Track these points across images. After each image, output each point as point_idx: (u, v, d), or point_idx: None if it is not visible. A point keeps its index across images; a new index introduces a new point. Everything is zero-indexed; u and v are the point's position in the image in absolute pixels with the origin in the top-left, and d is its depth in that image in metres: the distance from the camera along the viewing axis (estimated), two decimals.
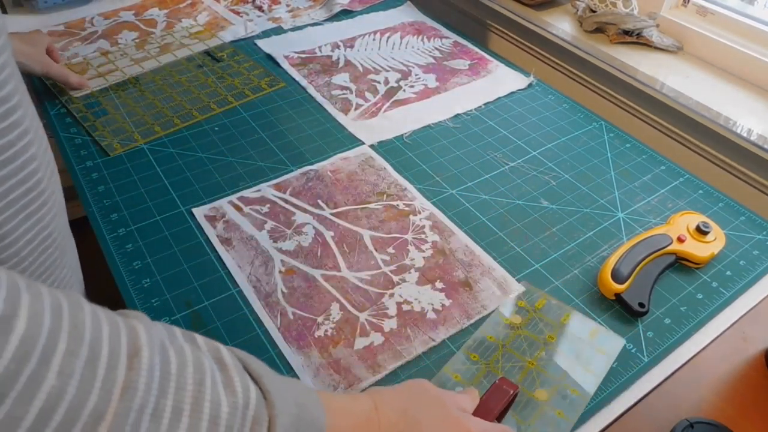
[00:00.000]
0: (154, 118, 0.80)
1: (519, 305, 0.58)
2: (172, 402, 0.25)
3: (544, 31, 1.09)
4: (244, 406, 0.28)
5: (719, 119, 0.87)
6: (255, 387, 0.29)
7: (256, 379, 0.30)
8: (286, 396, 0.31)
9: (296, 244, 0.63)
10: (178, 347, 0.27)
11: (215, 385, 0.27)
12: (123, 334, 0.25)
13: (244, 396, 0.28)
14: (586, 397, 0.51)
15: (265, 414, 0.29)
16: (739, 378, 0.54)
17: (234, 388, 0.28)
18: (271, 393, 0.30)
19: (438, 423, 0.39)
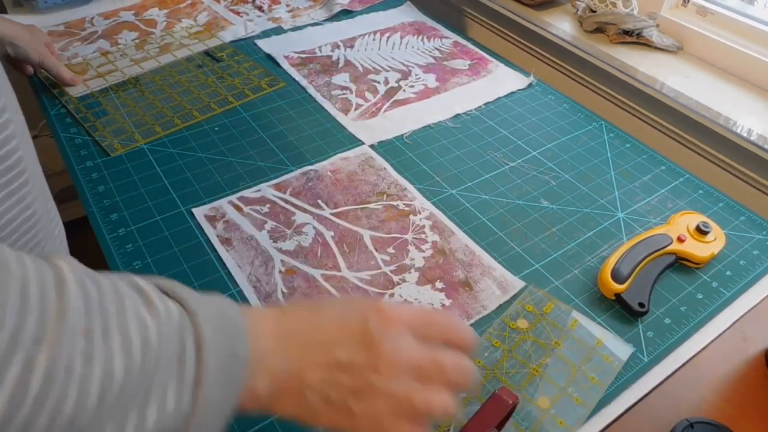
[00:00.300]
0: (154, 118, 0.80)
1: (527, 309, 0.58)
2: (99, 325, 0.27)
3: (544, 31, 1.10)
4: (167, 314, 0.30)
5: (719, 119, 0.87)
6: (172, 301, 0.31)
7: (171, 294, 0.32)
8: (205, 303, 0.32)
9: (296, 244, 0.63)
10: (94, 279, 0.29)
11: (137, 306, 0.29)
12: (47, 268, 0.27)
13: (165, 310, 0.30)
14: (589, 407, 0.50)
15: (187, 321, 0.30)
16: (739, 378, 0.54)
17: (153, 304, 0.30)
18: (189, 302, 0.31)
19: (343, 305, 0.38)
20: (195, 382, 0.30)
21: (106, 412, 0.26)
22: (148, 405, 0.28)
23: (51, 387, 0.24)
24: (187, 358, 0.29)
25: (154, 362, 0.28)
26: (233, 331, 0.32)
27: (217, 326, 0.31)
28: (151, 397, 0.28)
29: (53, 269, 0.27)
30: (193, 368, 0.30)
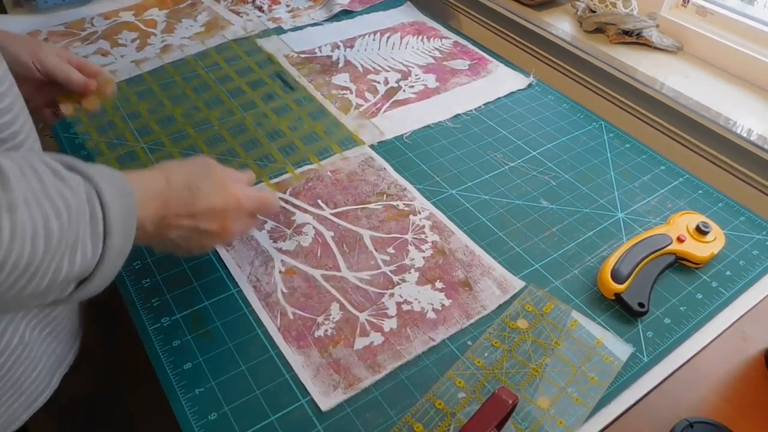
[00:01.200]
0: (154, 119, 0.80)
1: (527, 309, 0.58)
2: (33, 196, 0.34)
3: (544, 31, 1.09)
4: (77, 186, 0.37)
5: (719, 119, 0.87)
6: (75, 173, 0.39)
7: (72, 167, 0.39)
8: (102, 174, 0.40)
9: (296, 244, 0.63)
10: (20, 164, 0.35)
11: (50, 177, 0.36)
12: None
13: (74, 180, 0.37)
14: (589, 406, 0.50)
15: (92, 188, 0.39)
16: (739, 378, 0.54)
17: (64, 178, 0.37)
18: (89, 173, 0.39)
19: (213, 188, 0.51)
20: (105, 233, 0.39)
21: (49, 256, 0.35)
22: (76, 252, 0.37)
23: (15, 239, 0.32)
24: (97, 215, 0.38)
25: (75, 220, 0.36)
26: (125, 192, 0.42)
27: (114, 189, 0.40)
28: (77, 247, 0.37)
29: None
30: (101, 223, 0.38)
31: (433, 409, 0.50)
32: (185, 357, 0.53)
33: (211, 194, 0.50)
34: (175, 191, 0.48)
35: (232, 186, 0.52)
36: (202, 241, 0.51)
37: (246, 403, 0.50)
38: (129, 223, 0.41)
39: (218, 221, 0.51)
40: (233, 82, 0.89)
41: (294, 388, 0.51)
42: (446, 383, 0.52)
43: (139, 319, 0.56)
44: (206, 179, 0.51)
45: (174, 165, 0.51)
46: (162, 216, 0.47)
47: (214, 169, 0.53)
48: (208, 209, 0.50)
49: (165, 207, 0.47)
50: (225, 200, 0.51)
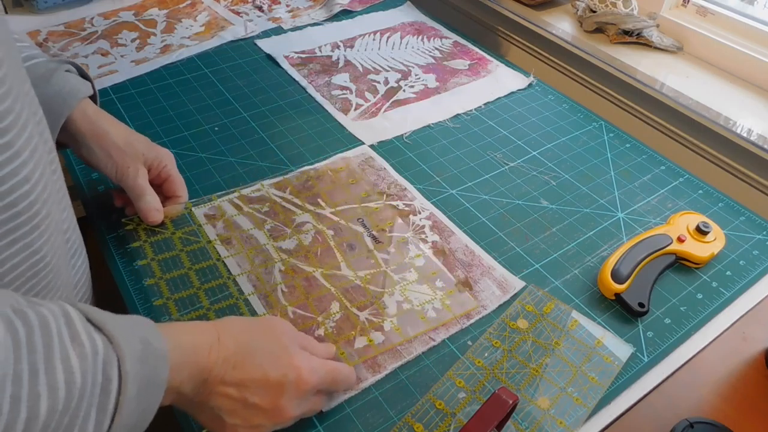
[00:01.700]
0: (154, 118, 0.80)
1: (527, 309, 0.58)
2: (27, 366, 0.28)
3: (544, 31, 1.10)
4: (93, 353, 0.32)
5: (719, 119, 0.87)
6: (99, 334, 0.33)
7: (101, 327, 0.34)
8: (130, 336, 0.34)
9: (296, 243, 0.63)
10: (23, 315, 0.30)
11: (63, 342, 0.31)
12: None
13: (91, 345, 0.32)
14: (589, 407, 0.50)
15: (113, 355, 0.33)
16: (739, 378, 0.54)
17: (80, 341, 0.32)
18: (115, 336, 0.33)
19: (271, 355, 0.43)
20: (115, 409, 0.33)
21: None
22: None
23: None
24: (111, 389, 0.32)
25: (77, 398, 0.30)
26: (155, 359, 0.35)
27: (140, 356, 0.34)
28: (75, 426, 0.31)
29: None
30: (115, 398, 0.33)
31: (433, 409, 0.50)
32: None
33: (266, 363, 0.42)
34: (224, 352, 0.41)
35: (298, 356, 0.44)
36: (250, 419, 0.42)
37: None
38: (151, 397, 0.35)
39: (271, 397, 0.42)
40: (233, 82, 0.89)
41: None
42: (446, 383, 0.52)
43: None
44: (266, 344, 0.43)
45: (234, 321, 0.44)
46: (204, 380, 0.40)
47: (282, 334, 0.45)
48: (260, 380, 0.41)
49: (208, 370, 0.40)
50: (283, 373, 0.42)
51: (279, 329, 0.45)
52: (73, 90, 0.57)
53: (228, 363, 0.41)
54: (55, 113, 0.55)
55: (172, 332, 0.39)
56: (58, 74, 0.56)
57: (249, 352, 0.42)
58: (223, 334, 0.42)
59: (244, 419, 0.42)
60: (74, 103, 0.57)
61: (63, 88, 0.56)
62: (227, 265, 0.60)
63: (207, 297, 0.57)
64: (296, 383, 0.43)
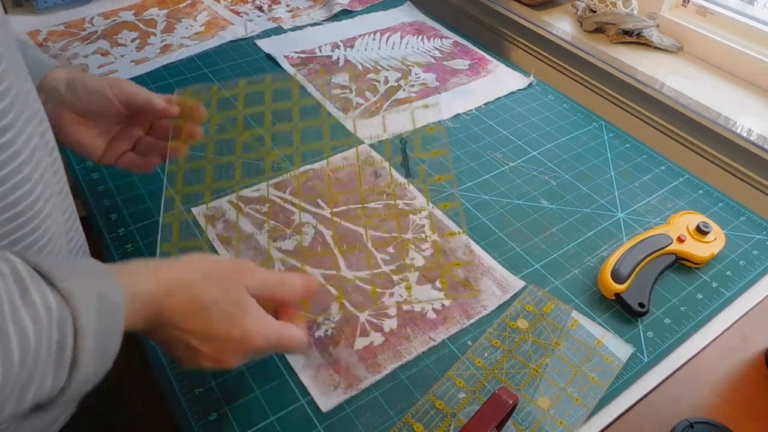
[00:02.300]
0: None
1: (527, 309, 0.58)
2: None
3: (544, 31, 1.10)
4: (47, 313, 0.31)
5: (719, 119, 0.87)
6: (52, 291, 0.32)
7: (52, 281, 0.33)
8: (85, 289, 0.34)
9: (296, 243, 0.63)
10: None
11: (14, 305, 0.30)
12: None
13: (43, 304, 0.31)
14: (589, 407, 0.50)
15: (67, 311, 0.32)
16: (739, 378, 0.54)
17: (32, 301, 0.31)
18: (68, 292, 0.33)
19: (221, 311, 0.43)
20: (72, 365, 0.33)
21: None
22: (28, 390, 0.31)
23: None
24: (67, 345, 0.32)
25: (32, 359, 0.30)
26: (110, 312, 0.35)
27: (95, 311, 0.34)
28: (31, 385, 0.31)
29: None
30: (71, 353, 0.32)
31: (433, 409, 0.50)
32: None
33: (215, 317, 0.42)
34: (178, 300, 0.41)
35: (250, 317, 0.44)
36: (194, 359, 0.43)
37: (246, 403, 0.50)
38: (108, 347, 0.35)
39: (212, 348, 0.43)
40: (233, 81, 0.89)
41: (294, 388, 0.51)
42: (446, 383, 0.52)
43: None
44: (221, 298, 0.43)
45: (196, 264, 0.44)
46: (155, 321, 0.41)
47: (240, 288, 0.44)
48: (204, 332, 0.42)
49: (158, 314, 0.40)
50: (228, 331, 0.43)
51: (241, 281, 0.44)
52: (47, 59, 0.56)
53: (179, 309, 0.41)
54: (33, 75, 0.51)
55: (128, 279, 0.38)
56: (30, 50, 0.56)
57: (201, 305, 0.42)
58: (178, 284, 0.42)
59: (189, 358, 0.43)
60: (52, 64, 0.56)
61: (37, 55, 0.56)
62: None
63: None
64: (239, 343, 0.43)
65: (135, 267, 0.40)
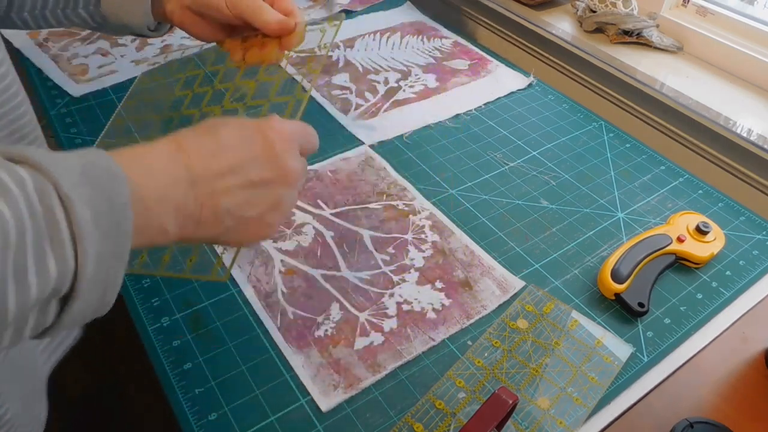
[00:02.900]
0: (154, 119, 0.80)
1: (527, 309, 0.58)
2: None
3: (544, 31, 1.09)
4: (19, 186, 0.27)
5: (719, 119, 0.87)
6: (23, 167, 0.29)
7: (22, 160, 0.29)
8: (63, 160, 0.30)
9: (296, 244, 0.63)
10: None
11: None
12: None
13: (13, 178, 0.28)
14: (589, 406, 0.50)
15: (45, 182, 0.28)
16: (739, 378, 0.54)
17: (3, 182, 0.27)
18: (41, 164, 0.29)
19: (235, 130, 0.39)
20: (72, 239, 0.29)
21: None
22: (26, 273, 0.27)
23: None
24: (58, 218, 0.28)
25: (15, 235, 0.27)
26: (104, 178, 0.31)
27: (82, 179, 0.30)
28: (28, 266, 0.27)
29: None
30: (67, 227, 0.28)
31: (433, 409, 0.50)
32: (185, 357, 0.53)
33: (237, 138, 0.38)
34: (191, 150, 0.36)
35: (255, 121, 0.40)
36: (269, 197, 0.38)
37: (246, 403, 0.50)
38: (114, 215, 0.30)
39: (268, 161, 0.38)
40: (233, 82, 0.88)
41: (294, 388, 0.51)
42: (446, 383, 0.52)
43: (139, 319, 0.56)
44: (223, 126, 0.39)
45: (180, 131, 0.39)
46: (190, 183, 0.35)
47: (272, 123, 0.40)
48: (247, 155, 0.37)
49: (186, 168, 0.35)
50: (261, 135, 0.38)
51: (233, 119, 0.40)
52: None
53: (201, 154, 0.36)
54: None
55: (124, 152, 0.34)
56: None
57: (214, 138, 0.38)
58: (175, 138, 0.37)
59: (264, 201, 0.38)
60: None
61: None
62: (226, 266, 0.60)
63: (205, 296, 0.57)
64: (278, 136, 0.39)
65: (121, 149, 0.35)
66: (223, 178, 0.36)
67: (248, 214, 0.37)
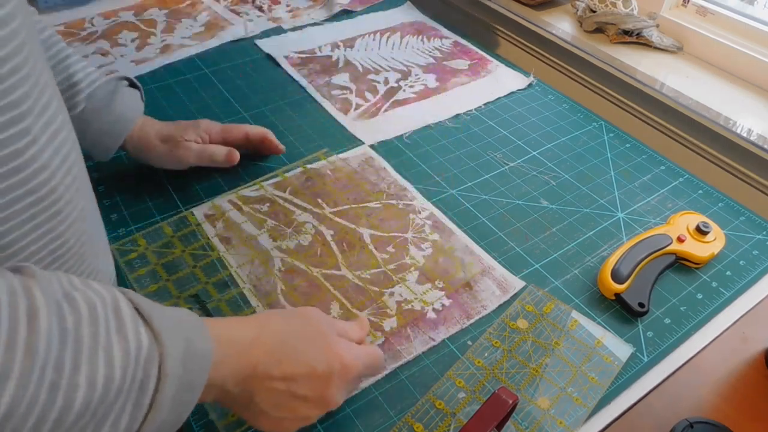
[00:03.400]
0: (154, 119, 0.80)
1: (527, 309, 0.58)
2: (71, 354, 0.28)
3: (544, 31, 1.10)
4: (137, 349, 0.31)
5: (719, 119, 0.87)
6: (146, 329, 0.33)
7: (147, 320, 0.33)
8: (175, 334, 0.34)
9: (296, 243, 0.63)
10: (73, 301, 0.30)
11: (108, 334, 0.31)
12: (21, 299, 0.27)
13: (135, 340, 0.32)
14: (589, 406, 0.50)
15: (156, 353, 0.33)
16: (739, 378, 0.54)
17: (126, 334, 0.31)
18: (160, 334, 0.33)
19: (314, 347, 0.43)
20: (150, 408, 0.32)
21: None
22: (103, 427, 0.30)
23: (9, 420, 0.25)
24: (149, 387, 0.32)
25: (114, 393, 0.30)
26: (196, 363, 0.35)
27: (182, 360, 0.34)
28: (107, 421, 0.30)
29: (26, 298, 0.28)
30: (151, 396, 0.32)
31: (433, 409, 0.50)
32: None
33: (311, 356, 0.42)
34: (267, 347, 0.41)
35: (339, 345, 0.44)
36: (296, 410, 0.42)
37: None
38: (189, 396, 0.35)
39: (318, 388, 0.42)
40: (233, 82, 0.89)
41: None
42: (446, 383, 0.52)
43: None
44: (307, 335, 0.44)
45: (272, 315, 0.45)
46: (248, 376, 0.40)
47: (318, 324, 0.45)
48: (307, 373, 0.42)
49: (252, 366, 0.40)
50: (329, 364, 0.43)
51: (315, 319, 0.46)
52: (130, 113, 0.64)
53: (272, 357, 0.41)
54: (115, 135, 0.64)
55: (215, 328, 0.39)
56: (117, 97, 0.63)
57: (292, 345, 0.42)
58: (263, 329, 0.42)
59: (292, 411, 0.42)
60: (131, 126, 0.65)
61: (123, 112, 0.64)
62: (226, 265, 0.60)
63: (206, 296, 0.57)
64: (342, 372, 0.43)
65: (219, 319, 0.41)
66: (272, 382, 0.41)
67: (273, 414, 0.42)
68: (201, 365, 0.36)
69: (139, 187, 0.69)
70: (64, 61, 0.60)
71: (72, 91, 0.61)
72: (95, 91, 0.62)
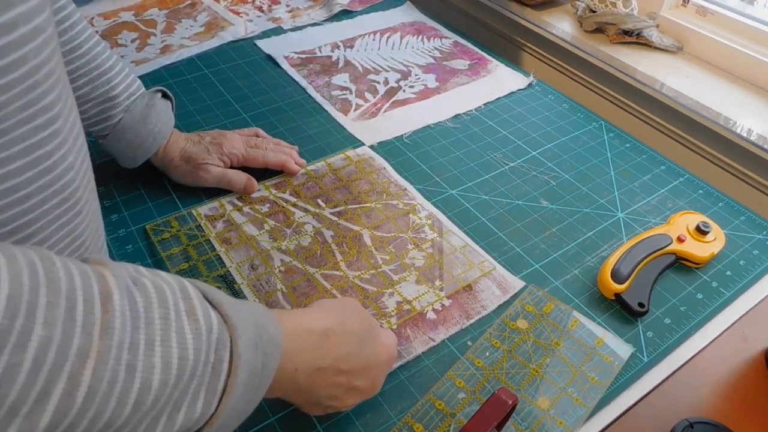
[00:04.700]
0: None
1: (527, 309, 0.58)
2: (144, 336, 0.28)
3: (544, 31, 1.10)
4: (208, 331, 0.31)
5: (719, 119, 0.87)
6: (215, 313, 0.33)
7: (217, 306, 0.33)
8: (245, 318, 0.34)
9: (296, 243, 0.63)
10: (142, 286, 0.30)
11: (179, 316, 0.30)
12: (94, 282, 0.28)
13: (206, 323, 0.31)
14: (589, 407, 0.50)
15: (227, 336, 0.32)
16: (739, 378, 0.54)
17: (196, 317, 0.31)
18: (230, 317, 0.33)
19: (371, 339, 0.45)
20: (224, 392, 0.32)
21: (140, 416, 0.28)
22: (179, 410, 0.30)
23: (93, 400, 0.26)
24: (222, 370, 0.32)
25: (188, 375, 0.30)
26: (268, 346, 0.35)
27: (253, 342, 0.34)
28: (183, 404, 0.30)
29: (99, 282, 0.28)
30: (224, 380, 0.32)
31: (433, 409, 0.50)
32: None
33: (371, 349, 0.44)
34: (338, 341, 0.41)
35: (385, 337, 0.47)
36: (347, 400, 0.44)
37: None
38: (260, 382, 0.35)
39: (370, 378, 0.45)
40: (233, 82, 0.89)
41: None
42: (446, 383, 0.52)
43: None
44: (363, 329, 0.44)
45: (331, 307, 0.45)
46: (319, 368, 0.40)
47: (367, 315, 0.46)
48: (366, 366, 0.44)
49: (323, 358, 0.40)
50: (383, 356, 0.45)
51: (363, 310, 0.46)
52: (164, 128, 0.66)
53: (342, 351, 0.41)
54: (145, 150, 0.66)
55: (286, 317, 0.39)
56: (153, 112, 0.65)
57: (357, 339, 0.43)
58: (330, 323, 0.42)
59: (343, 401, 0.44)
60: (162, 142, 0.66)
61: (155, 128, 0.65)
62: (226, 265, 0.60)
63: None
64: (389, 362, 0.47)
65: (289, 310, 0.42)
66: (339, 376, 0.42)
67: (325, 403, 0.43)
68: (272, 350, 0.35)
69: (140, 188, 0.69)
70: (107, 74, 0.61)
71: (111, 103, 0.62)
72: (132, 105, 0.64)
